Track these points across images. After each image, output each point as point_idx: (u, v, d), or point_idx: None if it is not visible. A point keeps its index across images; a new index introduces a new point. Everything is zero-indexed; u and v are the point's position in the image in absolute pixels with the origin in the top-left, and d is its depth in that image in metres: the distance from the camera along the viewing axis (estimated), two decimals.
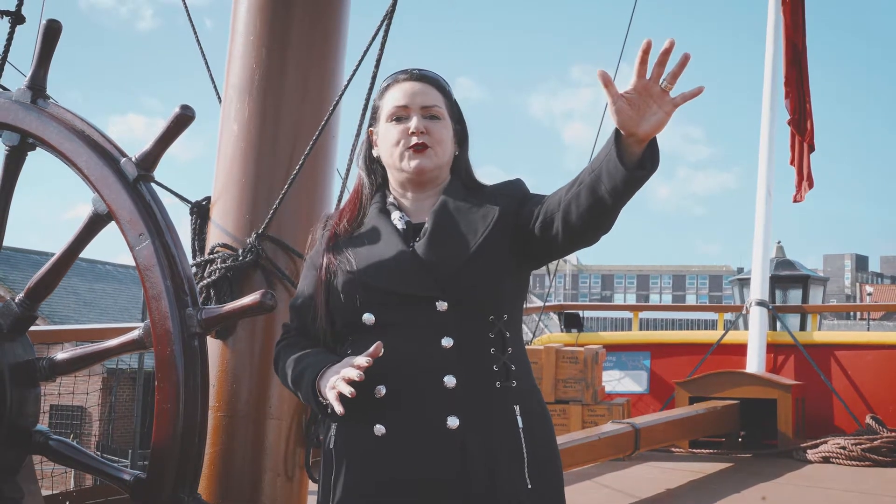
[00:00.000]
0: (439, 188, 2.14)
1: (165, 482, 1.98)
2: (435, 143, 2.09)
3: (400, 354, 1.95)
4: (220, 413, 2.62)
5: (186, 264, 2.04)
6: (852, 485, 5.22)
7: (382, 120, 2.13)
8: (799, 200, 7.93)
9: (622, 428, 4.99)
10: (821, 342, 7.22)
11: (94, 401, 20.24)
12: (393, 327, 1.98)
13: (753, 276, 7.61)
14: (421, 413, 1.94)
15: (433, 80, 2.15)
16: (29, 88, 2.15)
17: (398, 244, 2.03)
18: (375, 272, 2.01)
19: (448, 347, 1.96)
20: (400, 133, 2.08)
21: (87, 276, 27.12)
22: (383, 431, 1.94)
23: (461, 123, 2.19)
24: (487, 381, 1.99)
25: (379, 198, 2.15)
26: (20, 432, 2.13)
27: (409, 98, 2.10)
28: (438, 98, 2.13)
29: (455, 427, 1.92)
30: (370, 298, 2.00)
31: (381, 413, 1.94)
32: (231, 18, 2.87)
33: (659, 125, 1.80)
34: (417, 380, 1.95)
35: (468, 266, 2.01)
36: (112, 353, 2.14)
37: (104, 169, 2.03)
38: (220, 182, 2.77)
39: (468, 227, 2.05)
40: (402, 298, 1.99)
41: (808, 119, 7.81)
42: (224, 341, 2.65)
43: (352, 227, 2.12)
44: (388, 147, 2.11)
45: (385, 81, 2.19)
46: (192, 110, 2.02)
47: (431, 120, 2.10)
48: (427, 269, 1.99)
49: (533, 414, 2.04)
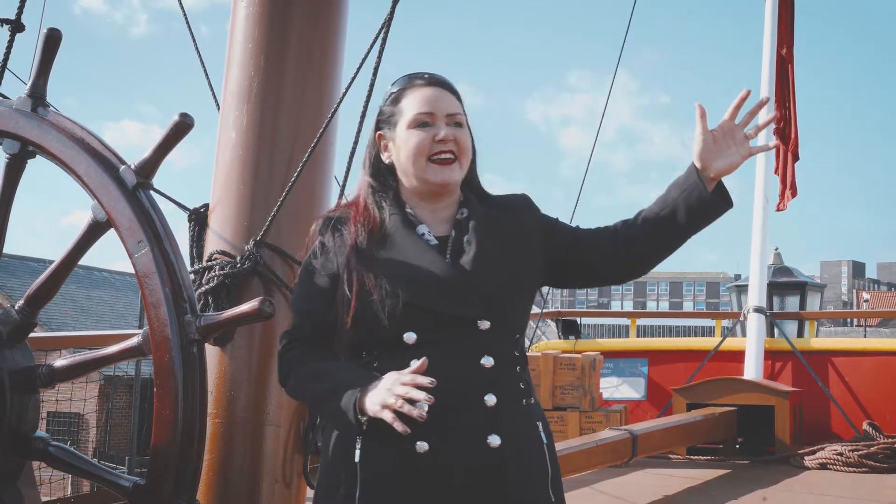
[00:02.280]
0: (454, 199, 2.09)
1: (164, 488, 1.99)
2: (461, 153, 2.04)
3: (441, 372, 1.87)
4: (219, 420, 2.63)
5: (185, 271, 2.05)
6: (849, 491, 5.22)
7: (402, 126, 2.04)
8: (782, 209, 7.97)
9: (620, 435, 5.00)
10: (818, 349, 7.23)
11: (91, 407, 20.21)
12: (433, 345, 1.93)
13: (751, 283, 7.62)
14: (464, 431, 1.92)
15: (451, 87, 2.10)
16: (29, 97, 2.16)
17: (440, 262, 1.97)
18: (424, 292, 1.94)
19: (488, 367, 1.94)
20: (426, 141, 2.01)
21: (83, 282, 27.10)
22: (426, 448, 1.90)
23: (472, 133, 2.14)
24: (517, 399, 1.99)
25: (394, 207, 2.05)
26: (20, 438, 2.14)
27: (434, 105, 2.03)
28: (458, 105, 2.08)
29: (497, 445, 1.92)
30: (416, 318, 1.94)
31: (422, 430, 1.85)
32: (230, 26, 2.88)
33: (731, 167, 2.04)
34: (460, 398, 1.92)
35: (511, 285, 2.01)
36: (111, 361, 2.15)
37: (103, 177, 2.03)
38: (219, 189, 2.78)
39: (509, 246, 2.03)
40: (448, 318, 1.95)
41: (792, 128, 7.85)
42: (222, 348, 2.66)
43: (372, 238, 2.01)
44: (409, 154, 2.03)
45: (398, 84, 2.10)
46: (191, 118, 2.03)
47: (457, 128, 2.04)
48: (474, 289, 1.96)
49: (549, 430, 2.07)
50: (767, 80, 7.67)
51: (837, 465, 5.80)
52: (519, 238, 2.06)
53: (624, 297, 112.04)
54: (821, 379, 6.97)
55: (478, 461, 1.92)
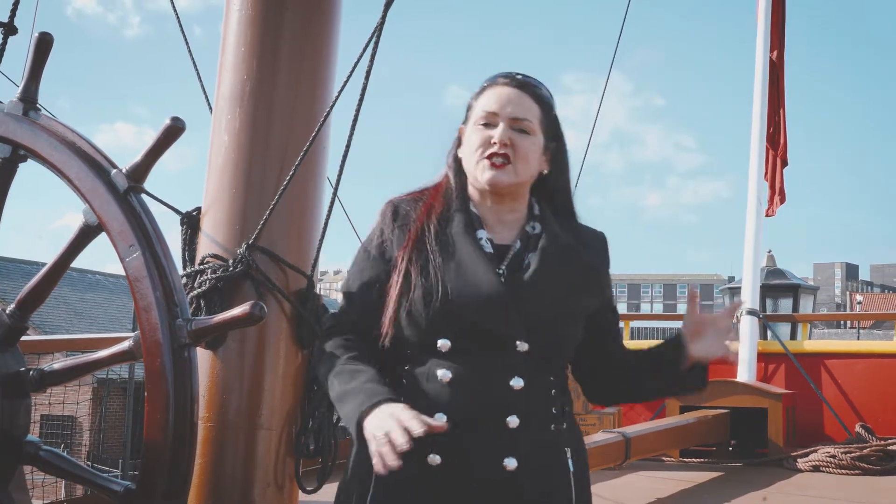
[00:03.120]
0: (519, 206, 2.06)
1: (155, 493, 1.98)
2: (518, 158, 1.99)
3: (466, 386, 1.88)
4: (210, 424, 2.62)
5: (177, 275, 2.05)
6: (842, 493, 5.23)
7: (471, 121, 2.05)
8: (770, 215, 7.99)
9: (613, 437, 5.00)
10: (811, 351, 7.25)
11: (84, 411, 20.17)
12: (466, 356, 1.91)
13: (744, 286, 7.63)
14: (480, 450, 1.89)
15: (533, 90, 2.05)
16: (21, 101, 2.16)
17: (491, 275, 1.93)
18: (465, 301, 1.91)
19: (517, 388, 1.90)
20: (483, 140, 2.00)
21: (77, 285, 27.07)
22: (438, 462, 1.88)
23: (558, 141, 2.08)
24: (545, 423, 1.95)
25: (461, 203, 2.05)
26: (11, 442, 2.13)
27: (501, 105, 2.00)
28: (533, 111, 2.03)
29: (513, 469, 1.88)
30: (453, 325, 1.92)
31: (438, 443, 1.85)
32: (222, 29, 2.87)
33: (707, 357, 2.06)
34: (481, 416, 1.89)
35: (561, 315, 1.97)
36: (102, 365, 2.14)
37: (95, 180, 2.03)
38: (211, 193, 2.77)
39: (570, 277, 2.00)
40: (484, 333, 1.92)
41: (781, 134, 7.87)
42: (214, 352, 2.65)
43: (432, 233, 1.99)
44: (469, 152, 2.03)
45: (485, 81, 2.09)
46: (183, 122, 2.03)
47: (519, 133, 2.00)
48: (519, 311, 1.92)
49: (580, 456, 2.03)
50: (760, 85, 7.69)
51: (830, 468, 5.81)
52: (584, 272, 2.03)
53: (618, 298, 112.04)
54: (814, 381, 6.98)
55: (491, 482, 1.88)
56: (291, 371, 2.64)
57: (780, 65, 7.86)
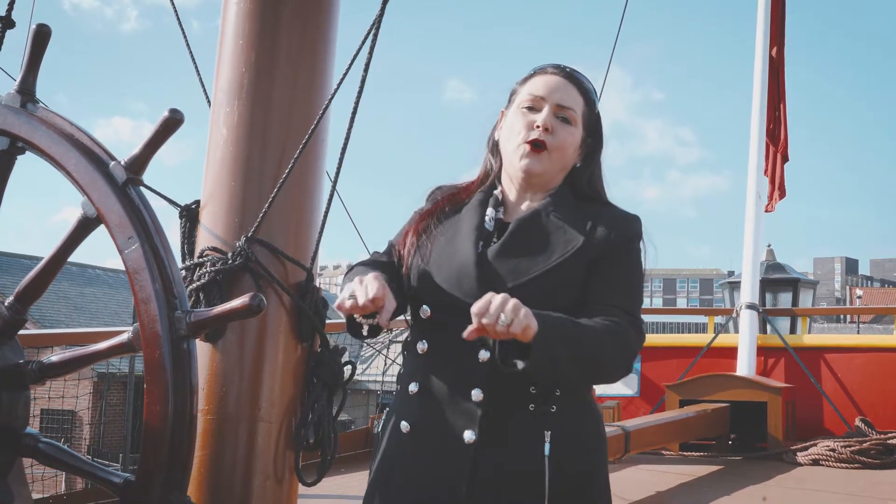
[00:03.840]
0: (549, 192, 2.07)
1: (154, 485, 1.99)
2: (555, 146, 2.00)
3: (439, 357, 1.95)
4: (210, 416, 2.62)
5: (176, 267, 2.05)
6: (841, 487, 5.23)
7: (515, 104, 2.07)
8: (770, 210, 8.00)
9: (613, 431, 5.00)
10: (811, 345, 7.26)
11: (84, 405, 20.19)
12: (440, 328, 1.98)
13: (743, 280, 7.64)
14: (442, 420, 1.92)
15: (580, 83, 2.07)
16: (18, 93, 2.16)
17: (470, 247, 1.99)
18: (440, 270, 2.00)
19: (483, 361, 1.91)
20: (526, 123, 2.01)
21: (77, 280, 27.08)
22: (407, 429, 1.97)
23: (595, 136, 2.09)
24: (520, 402, 1.92)
25: (488, 185, 2.11)
26: (10, 435, 2.14)
27: (548, 91, 2.02)
28: (578, 102, 2.04)
29: (471, 441, 1.89)
30: (431, 293, 2.01)
31: (409, 410, 1.97)
32: (220, 21, 2.87)
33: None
34: (447, 386, 1.93)
35: (528, 287, 1.94)
36: (101, 357, 2.14)
37: (93, 173, 2.03)
38: (209, 185, 2.77)
39: (545, 247, 1.97)
40: (455, 303, 1.96)
41: (782, 130, 7.87)
42: (213, 344, 2.65)
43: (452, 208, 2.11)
44: (509, 133, 2.05)
45: (534, 68, 2.11)
46: (181, 114, 2.02)
47: (561, 122, 2.01)
48: (486, 281, 1.93)
49: (569, 442, 1.96)
50: (760, 80, 7.68)
51: (830, 461, 5.82)
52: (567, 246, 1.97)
53: None
54: (813, 375, 6.99)
55: (448, 453, 1.92)
56: (291, 364, 2.63)
57: (780, 61, 7.86)
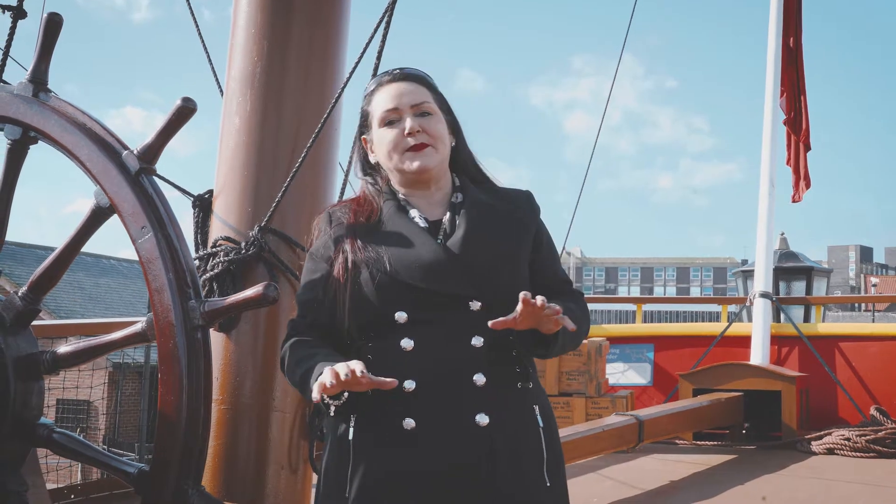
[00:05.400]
0: (444, 184, 2.14)
1: (169, 474, 1.99)
2: (433, 139, 2.08)
3: (430, 351, 1.95)
4: (224, 406, 2.63)
5: (189, 257, 2.04)
6: (856, 476, 5.21)
7: (375, 126, 2.11)
8: (797, 201, 7.94)
9: (626, 420, 4.99)
10: (825, 334, 7.21)
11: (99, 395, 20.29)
12: (424, 325, 1.98)
13: (757, 269, 7.60)
14: (452, 409, 1.94)
15: (417, 77, 2.14)
16: (30, 82, 2.16)
17: (430, 243, 2.02)
18: (413, 271, 1.98)
19: (478, 347, 1.97)
20: (395, 136, 2.07)
21: (92, 270, 27.18)
22: (413, 425, 1.94)
23: (451, 114, 2.17)
24: (511, 381, 2.02)
25: (389, 195, 2.12)
26: (24, 425, 2.14)
27: (398, 99, 2.08)
28: (426, 94, 2.12)
29: (485, 424, 1.94)
30: (405, 296, 1.98)
31: (410, 407, 1.94)
32: (232, 11, 2.86)
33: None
34: (448, 377, 1.95)
35: (503, 267, 2.04)
36: (115, 346, 2.14)
37: (106, 162, 2.03)
38: (223, 175, 2.77)
39: (501, 229, 2.07)
40: (437, 297, 1.98)
41: (803, 118, 7.80)
42: (227, 334, 2.66)
43: (368, 223, 2.08)
44: (385, 152, 2.09)
45: (369, 86, 2.17)
46: (194, 102, 2.02)
47: (424, 117, 2.08)
48: (464, 269, 2.00)
49: (548, 414, 2.09)
50: (773, 68, 7.63)
51: (845, 451, 5.79)
52: (511, 223, 2.10)
53: (631, 282, 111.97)
54: (827, 364, 6.96)
55: (465, 439, 1.94)
56: None
57: (797, 50, 7.79)
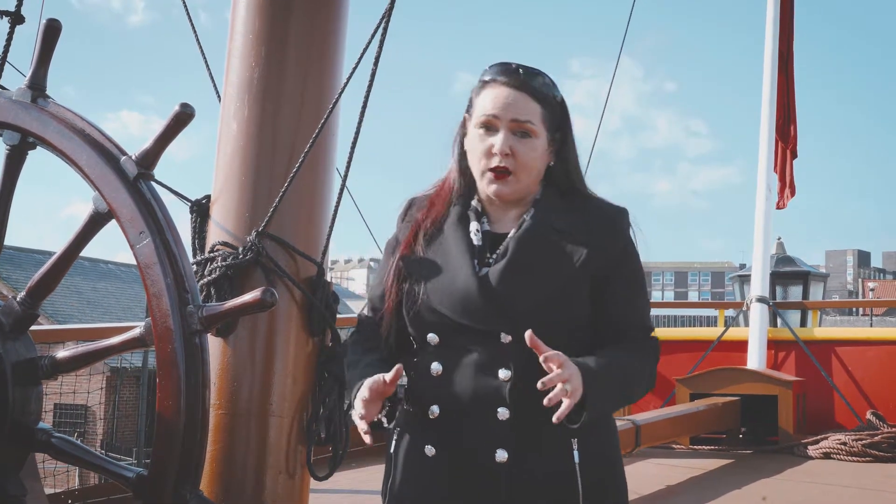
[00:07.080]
0: (529, 199, 2.03)
1: (167, 479, 1.99)
2: (519, 167, 1.96)
3: (457, 379, 1.91)
4: (222, 411, 2.63)
5: (187, 262, 2.05)
6: (853, 480, 5.22)
7: (473, 120, 2.02)
8: (781, 207, 7.99)
9: (623, 424, 5.00)
10: (821, 338, 7.22)
11: (97, 400, 20.26)
12: (454, 350, 1.94)
13: (754, 273, 7.61)
14: (471, 442, 1.90)
15: (532, 89, 1.98)
16: (29, 88, 2.16)
17: (468, 269, 1.94)
18: (442, 297, 1.94)
19: (504, 379, 1.90)
20: (485, 149, 1.97)
21: (89, 275, 27.17)
22: (433, 453, 1.93)
23: (563, 129, 2.04)
24: (543, 415, 1.82)
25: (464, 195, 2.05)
26: (23, 430, 2.14)
27: (501, 109, 1.96)
28: (534, 110, 1.97)
29: (503, 461, 1.89)
30: (435, 321, 1.95)
31: (432, 434, 1.92)
32: (230, 16, 2.87)
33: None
34: (471, 407, 1.90)
35: (543, 305, 1.92)
36: (114, 351, 2.15)
37: (104, 167, 2.03)
38: (220, 180, 2.77)
39: (554, 260, 1.95)
40: (466, 328, 1.93)
41: (791, 126, 7.84)
42: (225, 339, 2.66)
43: (430, 229, 2.02)
44: (473, 157, 2.02)
45: (485, 74, 2.04)
46: (192, 108, 2.02)
47: (521, 138, 1.96)
48: (497, 304, 1.91)
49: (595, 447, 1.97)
50: (770, 73, 7.65)
51: (841, 455, 5.80)
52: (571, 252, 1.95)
53: None
54: (824, 368, 6.96)
55: (482, 475, 1.90)
56: (302, 358, 2.64)
57: (789, 56, 7.82)
